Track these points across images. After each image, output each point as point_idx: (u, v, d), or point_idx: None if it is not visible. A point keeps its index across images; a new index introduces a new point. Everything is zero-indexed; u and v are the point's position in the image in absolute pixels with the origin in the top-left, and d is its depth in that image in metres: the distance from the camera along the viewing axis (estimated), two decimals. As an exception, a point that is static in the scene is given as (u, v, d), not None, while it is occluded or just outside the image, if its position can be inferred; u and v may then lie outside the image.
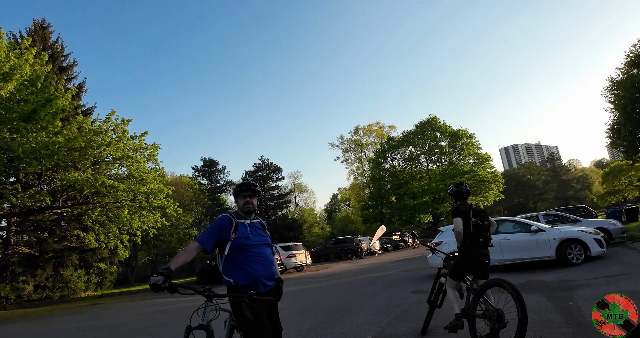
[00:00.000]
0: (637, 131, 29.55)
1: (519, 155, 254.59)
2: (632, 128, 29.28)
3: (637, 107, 28.74)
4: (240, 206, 3.40)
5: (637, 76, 28.57)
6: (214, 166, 51.61)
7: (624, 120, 29.67)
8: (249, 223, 3.34)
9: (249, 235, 3.26)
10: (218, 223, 3.26)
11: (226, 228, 3.21)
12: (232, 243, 3.17)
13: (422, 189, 47.28)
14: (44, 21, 26.17)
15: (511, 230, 11.61)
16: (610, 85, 31.86)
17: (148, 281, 2.79)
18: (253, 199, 3.42)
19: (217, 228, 3.20)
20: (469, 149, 49.34)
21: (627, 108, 28.81)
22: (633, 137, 29.81)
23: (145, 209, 19.61)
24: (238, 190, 3.43)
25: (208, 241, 3.14)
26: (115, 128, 19.05)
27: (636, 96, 28.63)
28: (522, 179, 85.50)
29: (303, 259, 24.67)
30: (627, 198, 56.73)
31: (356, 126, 67.31)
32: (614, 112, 31.67)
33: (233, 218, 3.27)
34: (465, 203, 5.00)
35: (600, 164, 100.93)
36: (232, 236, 3.18)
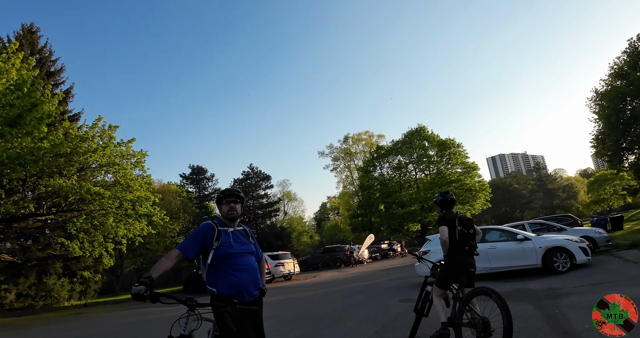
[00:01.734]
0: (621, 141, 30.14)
1: (505, 164, 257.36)
2: (616, 138, 29.85)
3: (621, 117, 29.34)
4: (224, 212, 3.33)
5: (621, 87, 29.21)
6: (203, 173, 51.19)
7: (608, 130, 30.26)
8: (233, 231, 3.28)
9: (232, 243, 3.19)
10: (200, 230, 3.19)
11: (209, 236, 3.14)
12: (215, 252, 3.11)
13: (410, 197, 47.41)
14: (33, 25, 25.93)
15: (498, 238, 11.69)
16: (594, 96, 32.53)
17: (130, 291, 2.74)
18: (237, 206, 3.35)
19: (199, 236, 3.14)
20: (456, 159, 49.70)
21: (611, 118, 29.39)
22: (617, 147, 30.39)
23: (131, 217, 19.35)
24: (222, 196, 3.36)
25: (189, 248, 3.08)
26: (102, 134, 18.79)
27: (620, 107, 29.24)
28: (508, 188, 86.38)
29: (291, 268, 24.51)
30: (612, 206, 57.59)
31: (346, 134, 67.69)
32: (599, 122, 32.30)
33: (216, 226, 3.21)
34: (451, 212, 5.02)
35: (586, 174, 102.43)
36: (215, 245, 3.12)
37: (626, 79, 28.96)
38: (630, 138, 29.79)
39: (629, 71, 28.82)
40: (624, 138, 30.08)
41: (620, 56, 30.60)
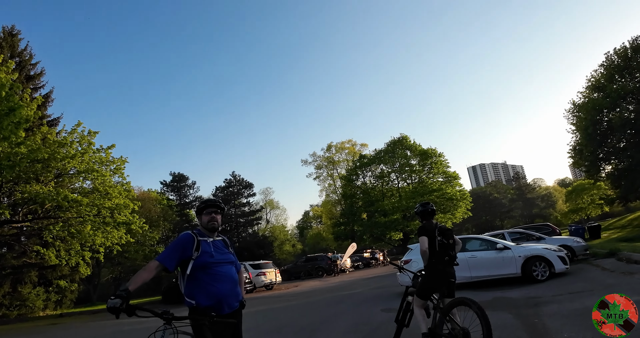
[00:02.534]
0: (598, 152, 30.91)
1: (486, 174, 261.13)
2: (593, 149, 30.61)
3: (598, 129, 30.13)
4: (204, 222, 3.28)
5: (598, 99, 30.04)
6: (184, 181, 50.56)
7: (586, 141, 31.02)
8: (212, 241, 3.23)
9: (212, 252, 3.15)
10: (180, 240, 3.14)
11: (188, 246, 3.09)
12: (195, 262, 3.06)
13: (392, 206, 47.66)
14: (14, 28, 25.53)
15: (478, 247, 11.78)
16: (572, 108, 33.37)
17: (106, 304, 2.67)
18: (218, 216, 3.31)
19: (179, 246, 3.09)
20: (438, 168, 50.23)
21: (588, 130, 30.15)
22: (594, 157, 31.15)
23: (109, 225, 18.96)
24: (202, 206, 3.32)
25: (169, 259, 3.01)
26: (81, 140, 18.43)
27: (597, 118, 30.04)
28: (489, 198, 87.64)
29: (273, 277, 24.26)
30: (589, 215, 58.79)
31: (329, 143, 67.89)
32: (576, 133, 33.11)
33: (195, 236, 3.16)
34: (431, 222, 5.06)
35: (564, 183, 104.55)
36: (195, 255, 3.07)
37: (603, 92, 29.81)
38: (607, 148, 30.60)
39: (606, 83, 29.68)
40: (601, 149, 30.88)
41: (598, 69, 31.59)
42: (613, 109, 29.51)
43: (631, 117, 28.31)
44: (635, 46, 28.75)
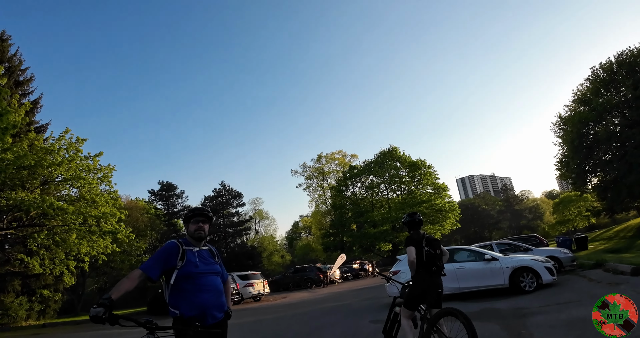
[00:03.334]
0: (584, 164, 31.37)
1: (474, 185, 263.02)
2: (580, 161, 31.05)
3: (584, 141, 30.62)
4: (191, 231, 3.24)
5: (583, 112, 30.57)
6: (172, 190, 50.07)
7: (572, 154, 31.47)
8: (198, 251, 3.18)
9: (197, 262, 3.10)
10: (165, 249, 3.09)
11: (173, 255, 3.04)
12: (179, 272, 3.01)
13: (382, 217, 47.70)
14: (4, 33, 25.26)
15: (466, 258, 11.81)
16: (558, 121, 33.91)
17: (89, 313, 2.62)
18: (205, 226, 3.26)
19: (163, 255, 3.04)
20: (427, 179, 50.49)
21: (574, 143, 30.61)
22: (581, 169, 31.59)
23: (95, 234, 18.65)
24: (190, 215, 3.27)
25: (153, 268, 2.97)
26: (68, 147, 18.20)
27: (583, 131, 30.54)
28: (477, 209, 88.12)
29: (261, 288, 24.02)
30: (577, 227, 59.36)
31: (319, 153, 67.81)
32: (563, 146, 33.60)
33: (181, 245, 3.11)
34: (418, 232, 5.06)
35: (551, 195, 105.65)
36: (179, 264, 3.02)
37: (589, 105, 30.36)
38: (593, 161, 31.07)
39: (592, 97, 30.25)
40: (587, 161, 31.34)
41: (583, 83, 32.22)
42: (599, 122, 30.05)
43: (617, 131, 28.83)
44: (620, 60, 29.40)
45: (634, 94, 27.19)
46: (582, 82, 32.45)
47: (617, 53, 29.80)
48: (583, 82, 32.27)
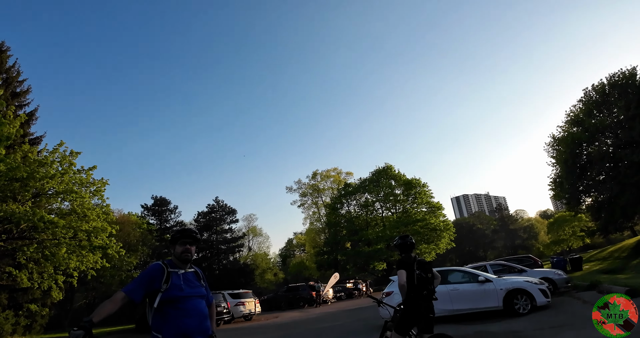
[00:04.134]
0: (577, 184, 31.54)
1: (469, 204, 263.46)
2: (573, 181, 31.22)
3: (577, 162, 30.86)
4: (177, 253, 3.16)
5: (577, 133, 30.91)
6: (165, 205, 49.69)
7: (565, 174, 31.68)
8: (183, 273, 3.11)
9: (182, 285, 3.02)
10: (149, 271, 3.02)
11: (157, 278, 2.97)
12: (163, 295, 2.93)
13: (376, 236, 47.53)
14: (3, 44, 25.36)
15: (460, 279, 11.70)
16: (552, 141, 34.21)
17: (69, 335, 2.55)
18: (192, 248, 3.20)
19: (147, 277, 2.97)
20: (422, 198, 50.51)
21: (568, 163, 30.85)
22: (574, 190, 31.75)
23: (85, 249, 18.34)
24: (177, 236, 3.20)
25: (136, 291, 2.89)
26: (62, 160, 18.04)
27: (576, 152, 30.82)
28: (472, 228, 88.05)
29: (252, 307, 23.59)
30: (571, 247, 59.33)
31: (314, 170, 67.77)
32: (556, 166, 33.81)
33: (166, 267, 3.04)
34: (409, 255, 4.99)
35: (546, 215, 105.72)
36: (164, 287, 2.94)
37: (582, 126, 30.69)
38: (587, 181, 31.25)
39: (584, 118, 30.61)
40: (581, 182, 31.51)
41: (576, 104, 32.62)
42: (592, 143, 30.34)
43: (610, 151, 29.08)
44: (612, 82, 29.85)
45: (626, 115, 27.54)
46: (575, 103, 32.91)
47: (609, 75, 30.31)
48: (576, 104, 32.69)
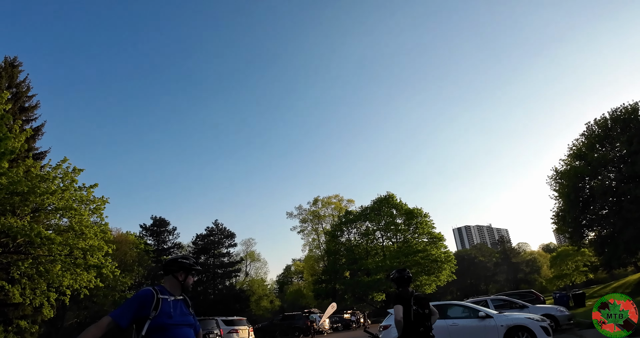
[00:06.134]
0: (580, 219, 31.33)
1: (471, 236, 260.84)
2: (576, 215, 31.03)
3: (580, 196, 30.76)
4: (187, 283, 3.17)
5: (579, 167, 30.95)
6: (164, 226, 49.36)
7: (568, 207, 31.51)
8: (174, 300, 3.04)
9: (171, 313, 2.95)
10: (139, 297, 2.94)
11: (147, 304, 2.89)
12: (152, 322, 2.85)
13: (376, 265, 46.90)
14: (16, 59, 26.07)
15: (460, 314, 11.53)
16: (554, 174, 34.21)
17: None
18: (193, 279, 3.24)
19: (136, 303, 2.88)
20: (423, 228, 50.09)
21: (570, 196, 30.74)
22: (577, 224, 31.52)
23: (80, 267, 18.13)
24: (188, 265, 3.17)
25: (123, 316, 2.81)
26: (64, 176, 18.08)
27: (579, 186, 30.76)
28: (474, 260, 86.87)
29: (246, 335, 23.00)
30: (574, 282, 58.37)
31: (315, 197, 67.57)
32: (559, 200, 33.67)
33: (156, 293, 2.96)
34: (407, 290, 4.85)
35: (548, 249, 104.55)
36: (153, 314, 2.86)
37: (584, 160, 30.76)
38: (590, 215, 31.05)
39: (587, 152, 30.71)
40: (584, 216, 31.31)
41: (579, 138, 32.81)
42: (594, 177, 30.31)
43: (612, 185, 29.02)
44: (614, 116, 30.09)
45: (628, 150, 27.63)
46: (578, 137, 33.06)
47: (612, 110, 30.61)
48: (578, 138, 32.90)
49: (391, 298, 5.09)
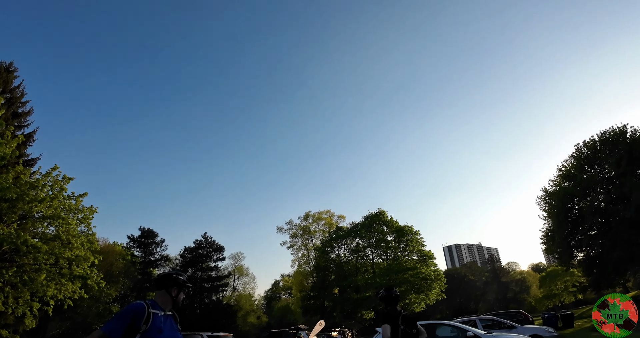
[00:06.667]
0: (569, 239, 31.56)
1: (461, 254, 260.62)
2: (565, 236, 31.27)
3: (569, 216, 31.05)
4: (179, 298, 3.20)
5: (568, 187, 31.30)
6: (152, 237, 48.65)
7: (557, 228, 31.77)
8: (164, 315, 3.03)
9: (162, 327, 2.94)
10: (131, 310, 2.91)
11: (139, 318, 2.87)
12: (142, 336, 2.83)
13: (366, 282, 46.57)
14: (12, 65, 26.02)
15: (449, 334, 11.54)
16: (544, 195, 34.51)
17: None
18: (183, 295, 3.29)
19: (128, 317, 2.86)
20: (413, 246, 49.96)
21: (559, 217, 31.02)
22: (566, 244, 31.74)
23: (65, 277, 17.80)
24: (182, 281, 3.19)
25: (115, 331, 2.78)
26: (53, 184, 17.89)
27: (568, 206, 31.07)
28: (464, 279, 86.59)
29: (231, 352, 22.59)
30: (563, 302, 58.39)
31: (306, 212, 67.21)
32: (548, 220, 33.92)
33: (147, 307, 2.94)
34: (395, 309, 4.84)
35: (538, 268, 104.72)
36: (143, 328, 2.85)
37: (573, 181, 31.14)
38: (579, 236, 31.30)
39: (576, 173, 31.12)
40: (573, 236, 31.55)
41: (568, 159, 33.24)
42: (584, 198, 30.67)
43: (601, 206, 29.34)
44: (603, 138, 30.60)
45: (617, 172, 28.06)
46: (567, 158, 33.51)
47: (601, 132, 31.14)
48: (567, 159, 33.34)
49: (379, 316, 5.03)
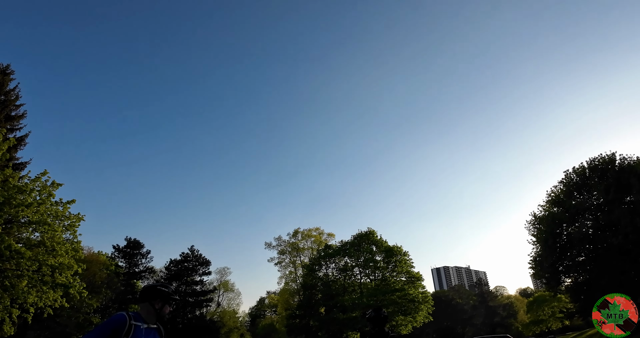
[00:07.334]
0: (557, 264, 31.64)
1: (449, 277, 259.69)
2: (553, 261, 31.36)
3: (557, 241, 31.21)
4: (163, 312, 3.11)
5: (557, 213, 31.54)
6: (138, 248, 47.74)
7: (545, 253, 31.88)
8: (147, 328, 2.97)
9: None
10: (112, 322, 2.87)
11: (119, 330, 2.82)
12: None
13: (353, 302, 46.06)
14: (8, 67, 25.89)
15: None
16: (533, 220, 34.72)
17: None
18: (170, 308, 3.19)
19: (109, 329, 2.81)
20: (402, 267, 49.65)
21: (548, 242, 31.16)
22: (554, 269, 31.80)
23: (47, 284, 17.37)
24: (167, 293, 3.10)
25: None
26: (42, 189, 17.63)
27: (557, 232, 31.24)
28: (451, 302, 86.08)
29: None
30: (550, 328, 58.15)
31: (296, 228, 66.68)
32: (537, 244, 34.06)
33: (129, 319, 2.89)
34: (382, 330, 4.83)
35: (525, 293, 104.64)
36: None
37: (562, 207, 31.40)
38: (567, 261, 31.43)
39: (565, 199, 31.42)
40: (561, 262, 31.65)
41: (557, 185, 33.59)
42: (572, 224, 30.89)
43: (589, 233, 29.56)
44: (592, 166, 31.03)
45: (605, 199, 28.35)
46: (556, 184, 33.85)
47: (590, 159, 31.64)
48: (557, 185, 33.69)
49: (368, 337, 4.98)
